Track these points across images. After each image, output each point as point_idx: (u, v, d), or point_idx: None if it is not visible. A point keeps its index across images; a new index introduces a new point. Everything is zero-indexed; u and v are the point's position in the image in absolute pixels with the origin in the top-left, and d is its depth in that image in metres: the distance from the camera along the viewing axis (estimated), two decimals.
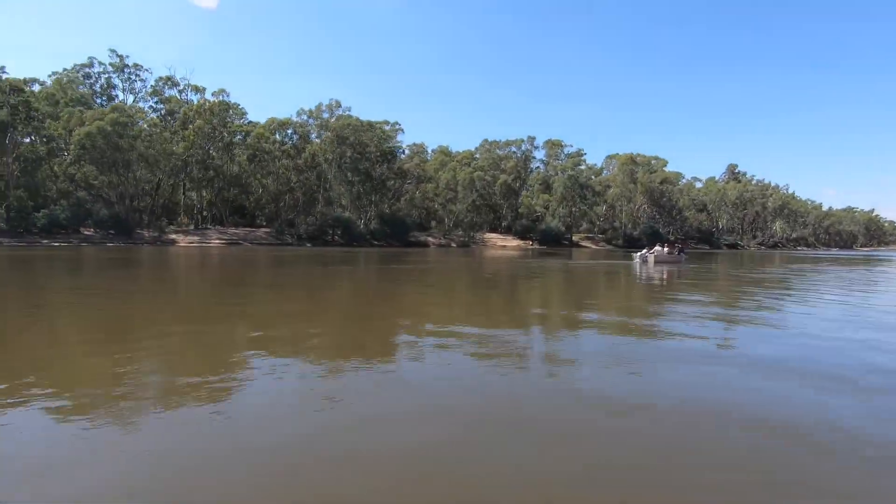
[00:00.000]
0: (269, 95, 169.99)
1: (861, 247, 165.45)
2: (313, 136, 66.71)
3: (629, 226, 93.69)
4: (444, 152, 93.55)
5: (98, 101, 62.60)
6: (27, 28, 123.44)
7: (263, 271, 21.74)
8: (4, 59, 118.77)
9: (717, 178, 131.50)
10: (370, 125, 66.63)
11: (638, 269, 25.35)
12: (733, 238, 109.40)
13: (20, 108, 48.58)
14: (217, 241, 58.22)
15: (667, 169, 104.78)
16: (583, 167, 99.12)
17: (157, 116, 64.29)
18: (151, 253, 35.79)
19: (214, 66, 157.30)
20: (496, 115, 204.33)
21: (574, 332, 8.03)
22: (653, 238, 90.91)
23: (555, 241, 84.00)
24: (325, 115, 68.04)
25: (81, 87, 60.79)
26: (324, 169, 63.43)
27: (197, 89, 67.35)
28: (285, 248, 53.97)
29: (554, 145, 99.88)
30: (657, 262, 28.62)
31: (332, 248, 58.13)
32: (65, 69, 60.68)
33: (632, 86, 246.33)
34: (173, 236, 56.30)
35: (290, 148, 61.53)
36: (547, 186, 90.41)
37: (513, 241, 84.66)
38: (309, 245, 61.89)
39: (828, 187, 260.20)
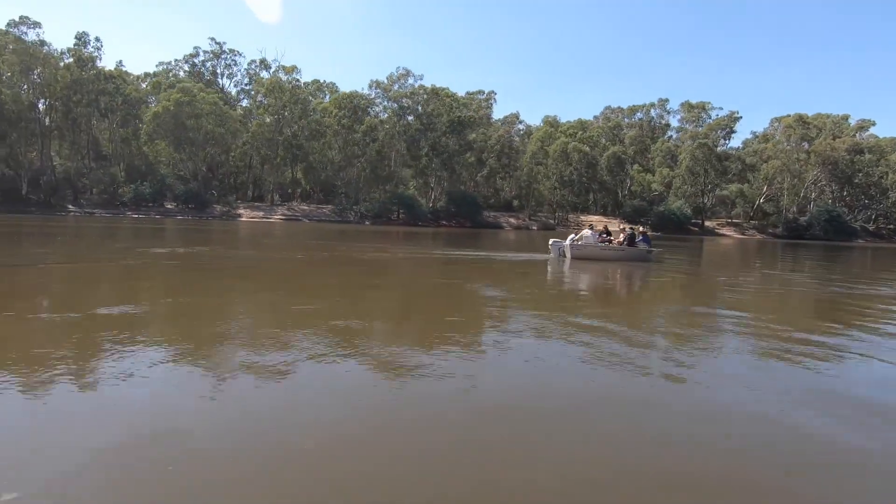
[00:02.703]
0: None
1: None
2: (378, 109, 63.35)
3: (794, 209, 70.34)
4: (552, 123, 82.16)
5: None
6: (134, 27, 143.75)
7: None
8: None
9: None
10: (435, 92, 60.44)
11: (551, 268, 15.12)
12: None
13: (116, 94, 54.97)
14: (278, 217, 59.27)
15: (875, 132, 76.11)
16: (743, 136, 77.90)
17: (251, 98, 68.17)
18: (197, 225, 37.82)
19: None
20: (651, 85, 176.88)
21: None
22: (830, 227, 66.66)
23: (677, 227, 66.98)
24: (396, 88, 63.90)
25: (186, 74, 67.26)
26: (385, 143, 59.61)
27: (286, 70, 69.32)
28: (339, 226, 52.04)
29: (693, 108, 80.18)
30: (575, 257, 16.95)
31: (391, 228, 54.52)
32: (175, 60, 67.92)
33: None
34: (240, 211, 58.81)
35: (350, 122, 59.00)
36: (673, 159, 72.77)
37: (618, 226, 70.22)
38: (368, 223, 59.35)
39: None
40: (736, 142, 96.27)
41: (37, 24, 49.82)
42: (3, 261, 11.90)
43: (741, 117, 79.34)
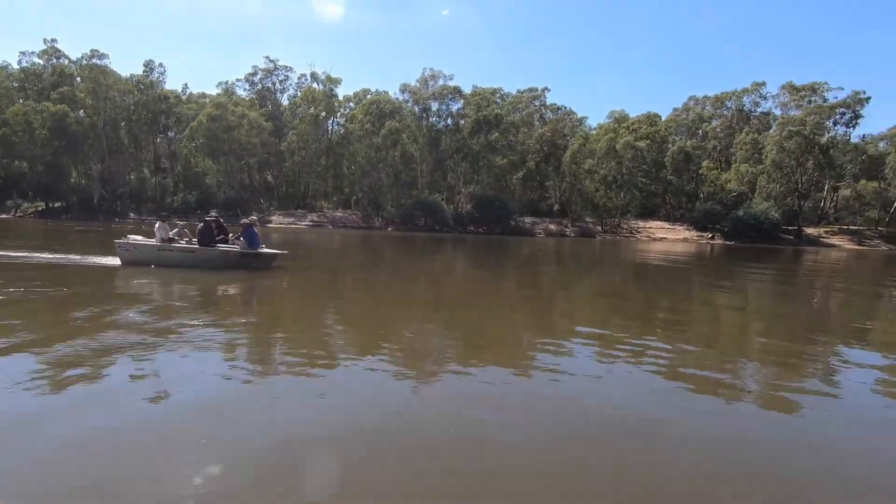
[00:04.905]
0: None
1: None
2: (407, 112, 61.37)
3: None
4: (619, 118, 73.04)
5: (264, 104, 73.29)
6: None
7: None
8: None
9: None
10: (457, 90, 56.85)
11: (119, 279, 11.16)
12: None
13: (170, 113, 60.85)
14: (306, 224, 60.28)
15: None
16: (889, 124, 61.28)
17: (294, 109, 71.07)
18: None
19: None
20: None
21: None
22: None
23: (761, 236, 54.21)
24: (425, 90, 61.50)
25: (246, 92, 72.30)
26: (408, 147, 57.49)
27: (330, 80, 71.00)
28: (354, 232, 51.34)
29: (799, 90, 65.09)
30: (126, 262, 12.35)
31: (414, 234, 52.49)
32: (237, 79, 73.47)
33: None
34: (273, 217, 61.04)
35: (376, 127, 57.96)
36: (760, 152, 59.43)
37: (683, 233, 59.23)
38: (390, 229, 57.72)
39: None
40: (868, 129, 77.18)
41: (104, 55, 57.42)
42: None
43: (870, 98, 62.27)
